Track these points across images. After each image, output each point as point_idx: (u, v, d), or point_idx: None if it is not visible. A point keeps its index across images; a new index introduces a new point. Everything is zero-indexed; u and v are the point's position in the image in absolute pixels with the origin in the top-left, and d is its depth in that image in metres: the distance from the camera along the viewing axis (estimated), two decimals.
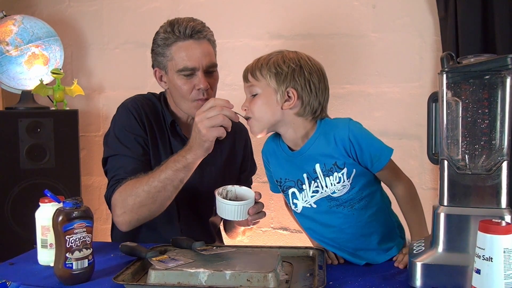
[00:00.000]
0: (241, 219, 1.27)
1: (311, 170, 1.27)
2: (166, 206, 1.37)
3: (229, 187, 1.32)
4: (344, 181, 1.25)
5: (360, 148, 1.23)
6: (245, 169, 1.65)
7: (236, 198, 1.31)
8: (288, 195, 1.33)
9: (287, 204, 1.41)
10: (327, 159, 1.25)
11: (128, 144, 1.45)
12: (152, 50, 1.50)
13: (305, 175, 1.28)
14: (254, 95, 1.28)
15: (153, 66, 1.53)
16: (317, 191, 1.28)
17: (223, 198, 1.28)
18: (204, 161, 1.46)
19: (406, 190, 1.29)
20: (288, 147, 1.32)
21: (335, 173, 1.24)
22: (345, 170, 1.24)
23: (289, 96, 1.25)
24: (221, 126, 1.26)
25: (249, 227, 1.44)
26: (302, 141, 1.29)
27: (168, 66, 1.46)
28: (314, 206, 1.29)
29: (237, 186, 1.33)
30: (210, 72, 1.47)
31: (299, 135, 1.29)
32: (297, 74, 1.25)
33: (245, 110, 1.28)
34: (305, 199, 1.30)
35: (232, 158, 1.62)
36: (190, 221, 1.54)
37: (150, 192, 1.32)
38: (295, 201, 1.32)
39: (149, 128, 1.49)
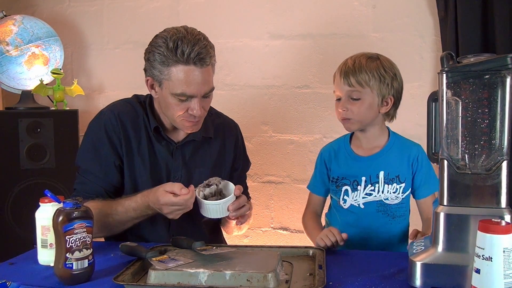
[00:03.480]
0: (221, 216, 1.33)
1: (374, 175, 1.47)
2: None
3: (212, 180, 1.37)
4: (399, 193, 1.46)
5: (421, 168, 1.47)
6: (237, 168, 1.63)
7: (219, 193, 1.36)
8: (341, 191, 1.51)
9: (304, 218, 1.61)
10: (393, 169, 1.47)
11: (93, 165, 1.49)
12: (148, 59, 1.42)
13: (363, 178, 1.48)
14: (356, 99, 1.43)
15: (145, 72, 1.46)
16: (370, 194, 1.47)
17: (204, 193, 1.35)
18: (193, 163, 1.46)
19: None
20: (352, 150, 1.53)
21: (395, 184, 1.46)
22: (403, 185, 1.46)
23: (386, 102, 1.46)
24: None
25: (239, 221, 1.42)
26: (373, 145, 1.51)
27: (163, 83, 1.39)
28: (362, 206, 1.48)
29: (219, 178, 1.38)
30: (206, 96, 1.44)
31: (376, 135, 1.51)
32: (394, 82, 1.46)
33: (343, 110, 1.44)
34: (355, 198, 1.49)
35: (222, 159, 1.59)
36: (181, 224, 1.50)
37: (106, 227, 1.41)
38: (345, 197, 1.50)
39: (125, 138, 1.49)
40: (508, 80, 0.95)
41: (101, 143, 1.49)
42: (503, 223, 0.87)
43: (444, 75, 1.00)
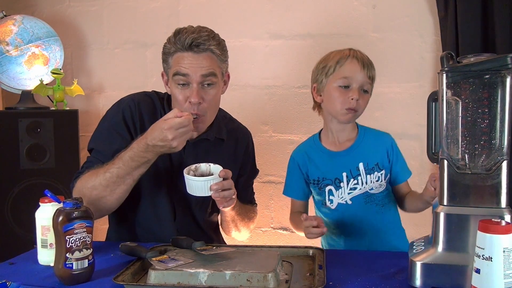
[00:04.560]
0: (204, 195, 1.33)
1: (354, 168, 1.47)
2: (123, 198, 1.40)
3: (203, 164, 1.39)
4: (382, 181, 1.48)
5: (396, 157, 1.50)
6: (243, 174, 1.65)
7: (208, 175, 1.37)
8: (325, 192, 1.50)
9: (292, 217, 1.58)
10: (371, 159, 1.47)
11: (105, 145, 1.48)
12: (162, 55, 1.51)
13: (344, 174, 1.47)
14: (366, 91, 1.45)
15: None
16: (355, 188, 1.47)
17: (194, 174, 1.36)
18: (204, 162, 1.45)
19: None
20: (325, 148, 1.52)
21: (376, 172, 1.47)
22: (383, 172, 1.48)
23: None
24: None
25: (226, 208, 1.43)
26: (345, 138, 1.51)
27: (169, 73, 1.47)
28: (350, 202, 1.48)
29: (212, 164, 1.38)
30: (207, 85, 1.44)
31: (352, 128, 1.52)
32: None
33: (354, 100, 1.42)
34: (341, 196, 1.48)
35: (231, 163, 1.59)
36: (186, 221, 1.54)
37: (108, 186, 1.36)
38: (331, 197, 1.49)
39: (141, 127, 1.49)
40: (508, 80, 0.95)
41: (118, 126, 1.49)
42: (503, 223, 0.87)
43: (444, 75, 1.00)
